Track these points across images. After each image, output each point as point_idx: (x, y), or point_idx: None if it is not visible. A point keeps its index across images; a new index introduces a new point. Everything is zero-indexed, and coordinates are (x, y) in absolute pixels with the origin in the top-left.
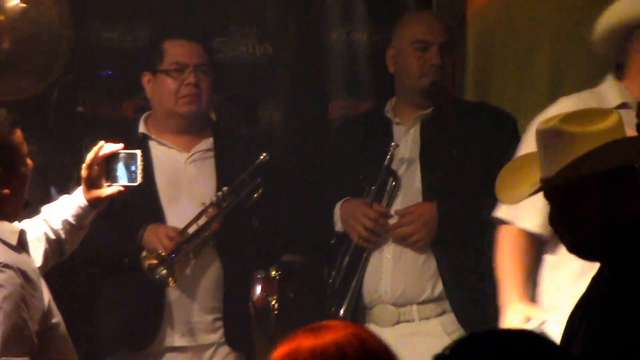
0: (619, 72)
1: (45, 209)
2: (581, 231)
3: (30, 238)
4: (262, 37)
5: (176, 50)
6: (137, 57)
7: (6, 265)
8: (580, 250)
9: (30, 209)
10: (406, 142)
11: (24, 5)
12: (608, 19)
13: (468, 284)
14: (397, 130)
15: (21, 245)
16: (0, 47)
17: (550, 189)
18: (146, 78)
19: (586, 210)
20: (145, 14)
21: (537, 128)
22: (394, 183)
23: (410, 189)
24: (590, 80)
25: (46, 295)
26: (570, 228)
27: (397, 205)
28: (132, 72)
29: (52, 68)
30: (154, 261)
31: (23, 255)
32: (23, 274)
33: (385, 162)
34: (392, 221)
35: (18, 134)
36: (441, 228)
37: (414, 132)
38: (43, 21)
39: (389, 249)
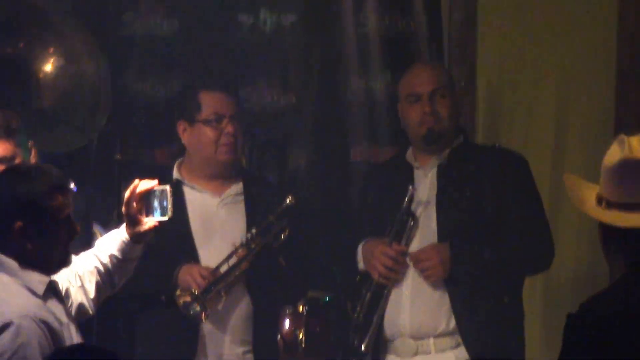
0: None
1: (97, 243)
2: None
3: (83, 272)
4: (286, 87)
5: (214, 102)
6: (170, 107)
7: (26, 315)
8: None
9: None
10: (424, 186)
11: (64, 61)
12: None
13: (479, 320)
14: (417, 174)
15: (54, 293)
16: (43, 103)
17: None
18: (182, 127)
19: None
20: (177, 67)
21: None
22: (412, 223)
23: (426, 229)
24: (593, 124)
25: (71, 335)
26: None
27: (415, 244)
28: (166, 121)
29: (95, 121)
30: (188, 299)
31: (51, 303)
32: (44, 323)
33: (404, 204)
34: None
35: (58, 199)
36: (454, 266)
37: (431, 175)
38: (83, 76)
39: (407, 286)
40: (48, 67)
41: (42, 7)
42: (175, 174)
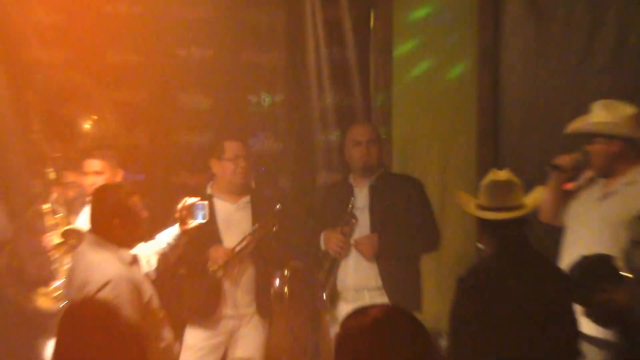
0: None
1: (158, 236)
2: None
3: (149, 253)
4: (277, 137)
5: (233, 148)
6: (207, 152)
7: (121, 274)
8: None
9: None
10: (361, 198)
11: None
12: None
13: (395, 279)
14: (356, 191)
15: (134, 261)
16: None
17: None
18: (213, 162)
19: None
20: (211, 128)
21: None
22: (354, 221)
23: (363, 225)
24: (461, 163)
25: (148, 290)
26: None
27: (356, 234)
28: (206, 161)
29: None
30: (215, 267)
31: (134, 268)
32: (133, 280)
33: (349, 209)
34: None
35: (134, 198)
36: (380, 248)
37: (365, 192)
38: None
39: (351, 259)
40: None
41: None
42: (209, 191)
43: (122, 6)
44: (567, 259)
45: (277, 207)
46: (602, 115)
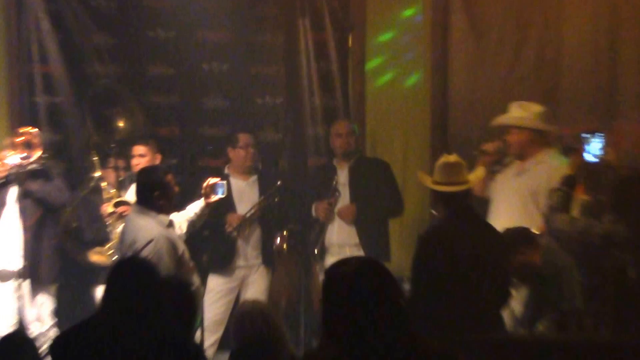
0: None
1: (188, 207)
2: None
3: (181, 219)
4: (277, 130)
5: (244, 138)
6: (224, 142)
7: (161, 234)
8: None
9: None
10: (343, 176)
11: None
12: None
13: (369, 237)
14: (339, 171)
15: (170, 225)
16: None
17: None
18: (229, 149)
19: None
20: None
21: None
22: (337, 194)
23: (345, 197)
24: (418, 147)
25: (181, 247)
26: None
27: (340, 204)
28: (224, 148)
29: None
30: (230, 228)
31: (170, 230)
32: (170, 239)
33: (333, 185)
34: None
35: (169, 177)
36: (358, 214)
37: (346, 172)
38: None
39: (336, 222)
40: None
41: None
42: (226, 171)
43: (160, 31)
44: (492, 223)
45: (278, 183)
46: (516, 112)
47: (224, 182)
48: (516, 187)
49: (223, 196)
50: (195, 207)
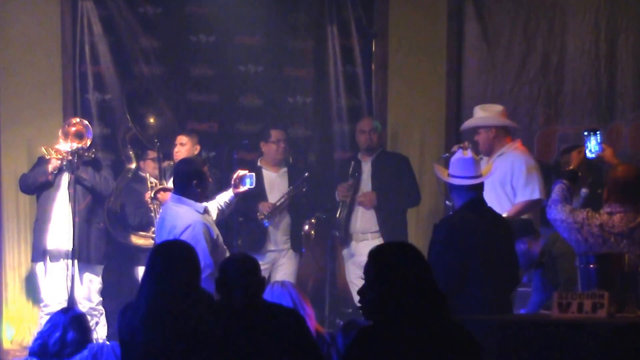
0: None
1: (218, 197)
2: None
3: (212, 207)
4: (307, 126)
5: (276, 134)
6: (258, 137)
7: (197, 220)
8: None
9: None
10: (366, 168)
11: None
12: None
13: (388, 225)
14: (363, 164)
15: (205, 212)
16: None
17: None
18: (262, 144)
19: None
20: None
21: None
22: (357, 174)
23: (367, 187)
24: (435, 143)
25: (216, 231)
26: None
27: (362, 191)
28: (258, 143)
29: None
30: (262, 216)
31: (206, 216)
32: (206, 224)
33: (350, 170)
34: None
35: (205, 168)
36: (378, 202)
37: (369, 165)
38: None
39: (358, 210)
40: None
41: None
42: (259, 163)
43: (202, 36)
44: None
45: (306, 175)
46: (480, 113)
47: (252, 174)
48: (488, 180)
49: (252, 187)
50: (224, 197)
